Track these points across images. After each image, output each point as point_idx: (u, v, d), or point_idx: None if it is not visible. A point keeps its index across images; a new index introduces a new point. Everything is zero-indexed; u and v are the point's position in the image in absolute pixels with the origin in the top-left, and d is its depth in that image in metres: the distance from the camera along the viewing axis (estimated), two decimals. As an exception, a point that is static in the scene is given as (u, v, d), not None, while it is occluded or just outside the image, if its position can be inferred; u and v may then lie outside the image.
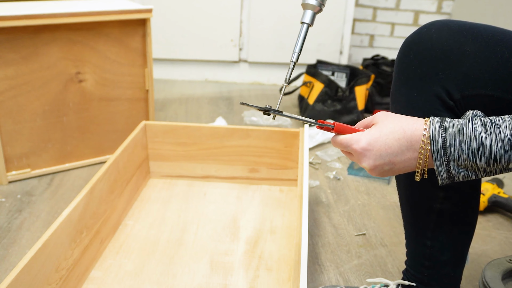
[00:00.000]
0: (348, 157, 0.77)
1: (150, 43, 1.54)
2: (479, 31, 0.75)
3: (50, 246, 0.88)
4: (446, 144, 0.66)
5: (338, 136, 0.75)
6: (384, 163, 0.70)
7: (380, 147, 0.69)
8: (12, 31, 1.32)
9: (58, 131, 1.49)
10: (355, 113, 1.95)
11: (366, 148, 0.70)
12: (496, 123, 0.65)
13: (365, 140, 0.71)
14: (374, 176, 0.75)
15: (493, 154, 0.64)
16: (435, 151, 0.67)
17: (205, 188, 1.43)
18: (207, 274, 1.08)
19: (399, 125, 0.69)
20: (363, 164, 0.71)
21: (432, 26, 0.78)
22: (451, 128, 0.67)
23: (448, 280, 0.90)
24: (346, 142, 0.73)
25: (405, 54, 0.80)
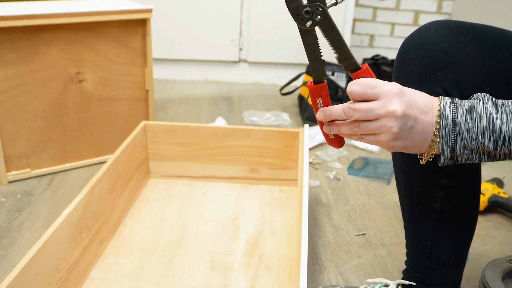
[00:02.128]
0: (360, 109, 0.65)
1: (150, 43, 1.54)
2: (479, 31, 0.75)
3: (50, 246, 0.88)
4: (456, 119, 0.64)
5: (366, 78, 0.67)
6: (412, 116, 0.64)
7: (411, 97, 0.65)
8: (12, 31, 1.32)
9: (58, 131, 1.49)
10: (355, 113, 1.95)
11: (401, 91, 0.64)
12: (506, 104, 0.64)
13: (398, 85, 0.65)
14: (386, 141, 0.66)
15: (502, 134, 0.63)
16: (443, 126, 0.64)
17: (205, 188, 1.43)
18: (207, 274, 1.08)
19: (420, 92, 0.68)
20: (394, 107, 0.63)
21: (431, 26, 0.78)
22: (462, 105, 0.65)
23: (448, 280, 0.90)
24: (377, 81, 0.65)
25: (405, 54, 0.80)
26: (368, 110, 0.65)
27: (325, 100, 0.71)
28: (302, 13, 0.64)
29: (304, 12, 0.64)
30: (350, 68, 0.68)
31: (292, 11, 0.64)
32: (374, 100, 0.65)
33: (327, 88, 0.71)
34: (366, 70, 0.68)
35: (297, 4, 0.64)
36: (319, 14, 0.64)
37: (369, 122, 0.66)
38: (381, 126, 0.65)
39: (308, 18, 0.64)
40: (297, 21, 0.65)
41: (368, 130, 0.66)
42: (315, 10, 0.64)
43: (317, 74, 0.70)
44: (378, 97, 0.65)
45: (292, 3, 0.64)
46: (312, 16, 0.64)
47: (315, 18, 0.64)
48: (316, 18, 0.64)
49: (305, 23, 0.65)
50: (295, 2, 0.64)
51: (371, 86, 0.65)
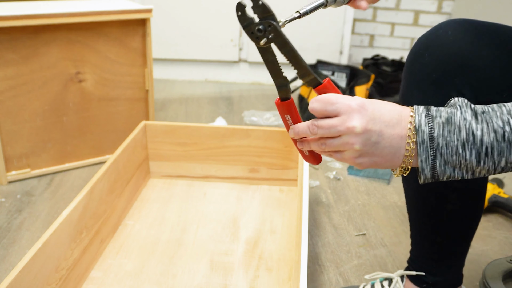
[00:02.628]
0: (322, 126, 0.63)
1: (150, 43, 1.54)
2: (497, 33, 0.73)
3: (50, 246, 0.88)
4: (433, 135, 0.60)
5: (327, 94, 0.65)
6: (375, 131, 0.61)
7: (374, 111, 0.61)
8: (12, 31, 1.32)
9: (58, 131, 1.49)
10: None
11: (362, 105, 0.61)
12: (488, 112, 0.59)
13: (360, 99, 0.62)
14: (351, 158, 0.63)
15: (484, 145, 0.58)
16: (421, 143, 0.60)
17: (205, 188, 1.43)
18: (207, 274, 1.08)
19: (387, 102, 0.64)
20: (353, 123, 0.61)
21: (448, 27, 0.75)
22: (438, 117, 0.60)
23: (455, 269, 0.92)
24: (336, 97, 0.62)
25: (419, 55, 0.76)
26: (330, 127, 0.62)
27: (294, 116, 0.69)
28: (255, 31, 0.63)
29: (257, 30, 0.63)
30: (312, 84, 0.66)
31: (246, 30, 0.64)
32: (336, 116, 0.62)
33: (294, 105, 0.69)
34: (327, 85, 0.66)
35: (249, 23, 0.63)
36: (271, 32, 0.63)
37: (333, 139, 0.63)
38: (344, 143, 0.62)
39: (261, 36, 0.64)
40: (252, 39, 0.64)
41: (333, 147, 0.64)
42: (267, 27, 0.63)
43: (282, 91, 0.68)
44: (338, 113, 0.62)
45: (245, 22, 0.64)
46: (265, 34, 0.63)
47: (268, 36, 0.63)
48: (269, 35, 0.63)
49: (259, 41, 0.64)
50: (247, 21, 0.63)
51: (330, 102, 0.62)
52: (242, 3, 0.62)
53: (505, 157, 0.58)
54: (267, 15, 0.62)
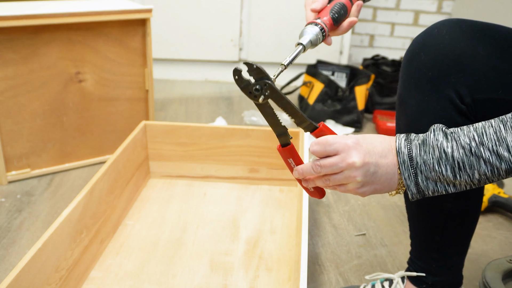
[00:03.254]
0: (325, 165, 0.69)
1: (150, 43, 1.54)
2: (491, 32, 0.74)
3: (50, 246, 0.88)
4: (411, 155, 0.67)
5: (324, 136, 0.71)
6: (372, 162, 0.68)
7: (367, 145, 0.68)
8: (12, 31, 1.32)
9: (58, 131, 1.49)
10: (355, 113, 1.95)
11: (357, 142, 0.68)
12: (456, 132, 0.66)
13: (354, 137, 0.69)
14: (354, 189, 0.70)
15: (456, 160, 0.64)
16: (402, 163, 0.67)
17: (205, 188, 1.43)
18: (207, 274, 1.08)
19: (377, 135, 0.70)
20: (352, 159, 0.67)
21: (443, 27, 0.76)
22: (415, 140, 0.68)
23: (454, 268, 0.92)
24: (332, 138, 0.69)
25: (415, 55, 0.78)
26: (332, 165, 0.69)
27: (296, 159, 0.75)
28: (253, 91, 0.69)
29: (254, 90, 0.69)
30: (308, 129, 0.73)
31: (244, 90, 0.69)
32: (335, 155, 0.69)
33: (295, 149, 0.75)
34: (323, 129, 0.72)
35: (246, 84, 0.69)
36: (267, 89, 0.69)
37: (336, 174, 0.69)
38: (347, 177, 0.69)
39: (259, 95, 0.69)
40: (251, 98, 0.70)
41: (337, 182, 0.70)
42: (263, 86, 0.69)
43: (282, 138, 0.74)
44: (337, 152, 0.68)
45: (242, 84, 0.69)
46: (262, 92, 0.69)
47: (265, 93, 0.69)
48: (266, 92, 0.69)
49: (258, 99, 0.70)
50: (245, 83, 0.69)
51: (328, 143, 0.69)
52: (238, 69, 0.68)
53: (477, 170, 0.64)
54: (262, 76, 0.68)
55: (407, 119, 0.80)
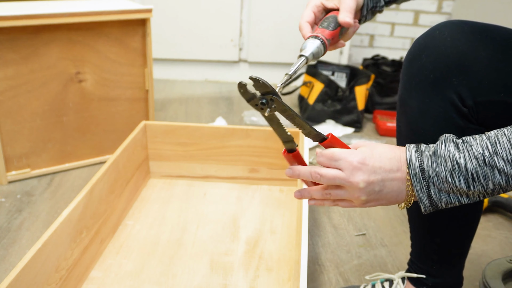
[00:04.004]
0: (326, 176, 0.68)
1: (150, 43, 1.54)
2: (493, 34, 0.73)
3: (50, 246, 0.88)
4: (423, 167, 0.65)
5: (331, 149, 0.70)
6: (377, 181, 0.66)
7: (374, 163, 0.66)
8: (12, 31, 1.32)
9: (58, 131, 1.49)
10: (355, 113, 1.95)
11: (362, 161, 0.66)
12: (468, 141, 0.64)
13: (361, 154, 0.67)
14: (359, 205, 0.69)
15: (469, 171, 0.62)
16: (413, 176, 0.66)
17: (205, 188, 1.43)
18: (207, 274, 1.08)
19: (388, 148, 0.68)
20: (356, 179, 0.66)
21: (445, 28, 0.75)
22: (426, 151, 0.66)
23: (455, 270, 0.92)
24: (339, 154, 0.67)
25: (416, 57, 0.77)
26: (333, 178, 0.68)
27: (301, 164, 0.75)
28: (259, 104, 0.69)
29: (260, 103, 0.69)
30: (317, 139, 0.72)
31: (251, 103, 0.70)
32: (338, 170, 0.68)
33: (300, 155, 0.76)
34: (332, 140, 0.71)
35: (252, 97, 0.69)
36: (273, 103, 0.69)
37: (339, 189, 0.69)
38: (350, 195, 0.68)
39: (265, 108, 0.70)
40: (257, 109, 0.70)
41: (339, 197, 0.69)
42: (269, 100, 0.69)
43: (288, 144, 0.75)
44: (341, 168, 0.67)
45: (248, 97, 0.69)
46: (268, 105, 0.69)
47: (271, 106, 0.69)
48: (272, 106, 0.69)
49: (264, 111, 0.70)
50: (249, 95, 0.69)
51: (334, 158, 0.68)
52: (242, 83, 0.68)
53: (491, 180, 0.62)
54: (268, 90, 0.68)
55: (408, 121, 0.80)
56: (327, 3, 0.86)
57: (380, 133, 1.94)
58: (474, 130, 0.75)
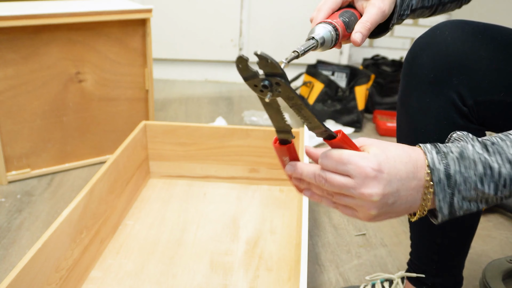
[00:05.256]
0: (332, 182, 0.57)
1: (150, 43, 1.54)
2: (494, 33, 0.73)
3: (50, 246, 0.88)
4: (449, 172, 0.55)
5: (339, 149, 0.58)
6: (392, 192, 0.56)
7: (390, 171, 0.56)
8: (12, 31, 1.32)
9: (58, 131, 1.49)
10: (355, 113, 1.95)
11: (378, 168, 0.55)
12: (496, 143, 0.56)
13: (375, 159, 0.55)
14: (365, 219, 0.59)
15: (502, 177, 0.55)
16: (437, 182, 0.56)
17: (205, 188, 1.43)
18: (207, 274, 1.08)
19: (401, 149, 0.58)
20: (369, 191, 0.55)
21: (445, 28, 0.75)
22: (451, 153, 0.56)
23: (455, 270, 0.92)
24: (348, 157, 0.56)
25: (417, 56, 0.77)
26: (341, 186, 0.57)
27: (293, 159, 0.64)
28: (259, 85, 0.56)
29: (262, 85, 0.55)
30: (323, 136, 0.60)
31: (249, 82, 0.56)
32: (348, 177, 0.57)
33: (294, 148, 0.64)
34: (342, 139, 0.58)
35: (252, 75, 0.54)
36: (278, 87, 0.56)
37: (345, 197, 0.58)
38: (358, 206, 0.58)
39: (267, 91, 0.56)
40: (255, 91, 0.57)
41: (343, 203, 0.59)
42: (274, 83, 0.55)
43: (282, 136, 0.63)
44: (351, 175, 0.56)
45: (246, 73, 0.54)
46: (272, 89, 0.56)
47: (275, 91, 0.56)
48: (276, 90, 0.56)
49: (265, 95, 0.56)
50: (249, 73, 0.54)
51: (342, 162, 0.56)
52: (244, 57, 0.53)
53: None
54: (275, 72, 0.54)
55: (409, 121, 0.80)
56: None
57: (380, 133, 1.94)
58: (474, 130, 0.75)
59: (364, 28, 0.71)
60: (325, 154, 0.59)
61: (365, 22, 0.71)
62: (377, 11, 0.72)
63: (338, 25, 0.71)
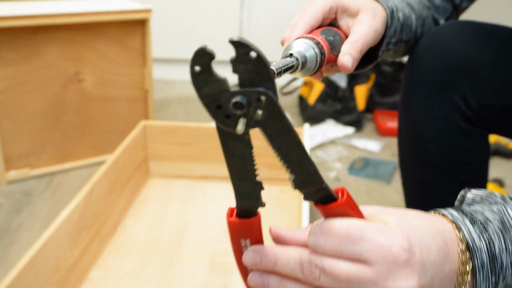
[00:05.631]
0: (333, 273, 0.38)
1: (150, 43, 1.54)
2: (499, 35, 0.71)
3: (49, 247, 0.88)
4: (494, 251, 0.39)
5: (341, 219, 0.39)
6: (426, 284, 0.38)
7: (421, 248, 0.38)
8: (11, 31, 1.32)
9: (57, 131, 1.48)
10: (355, 113, 1.95)
11: (409, 247, 0.37)
12: None
13: (401, 232, 0.37)
14: None
15: None
16: (479, 268, 0.39)
17: (205, 188, 1.43)
18: (207, 274, 1.07)
19: (421, 216, 0.41)
20: (400, 284, 0.37)
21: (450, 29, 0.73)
22: (489, 222, 0.40)
23: None
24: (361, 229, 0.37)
25: (420, 58, 0.75)
26: (351, 280, 0.37)
27: (257, 241, 0.42)
28: (227, 106, 0.36)
29: (232, 104, 0.35)
30: (316, 197, 0.39)
31: (206, 100, 0.35)
32: (362, 264, 0.37)
33: (260, 225, 0.41)
34: (347, 203, 0.38)
35: (215, 89, 0.35)
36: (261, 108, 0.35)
37: None
38: None
39: (238, 115, 0.36)
40: (216, 117, 0.36)
41: None
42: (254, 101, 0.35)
43: (246, 202, 0.40)
44: (367, 260, 0.37)
45: (208, 85, 0.35)
46: (248, 112, 0.36)
47: (254, 115, 0.36)
48: (255, 114, 0.35)
49: (233, 124, 0.36)
50: (213, 84, 0.35)
51: (351, 238, 0.37)
52: (207, 51, 0.35)
53: None
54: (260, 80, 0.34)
55: (411, 124, 0.78)
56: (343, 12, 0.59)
57: (380, 133, 1.94)
58: (478, 134, 0.74)
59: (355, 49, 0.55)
60: (320, 227, 0.39)
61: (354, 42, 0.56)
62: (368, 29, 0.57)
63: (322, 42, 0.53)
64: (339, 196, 0.39)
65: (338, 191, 0.39)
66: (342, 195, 0.39)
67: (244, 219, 0.41)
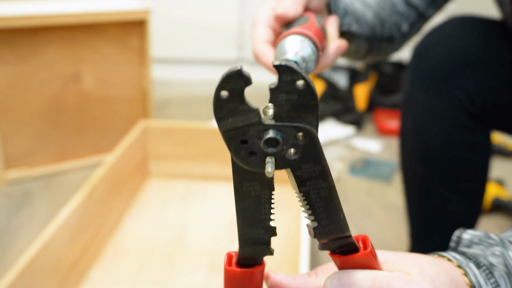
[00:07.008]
0: None
1: (149, 43, 1.54)
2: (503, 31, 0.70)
3: (48, 247, 0.88)
4: None
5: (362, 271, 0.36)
6: None
7: None
8: (11, 31, 1.32)
9: (57, 131, 1.48)
10: (355, 112, 1.95)
11: None
12: None
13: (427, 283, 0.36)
14: None
15: None
16: None
17: (205, 188, 1.43)
18: (207, 274, 1.07)
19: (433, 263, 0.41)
20: None
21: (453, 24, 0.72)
22: (495, 267, 0.40)
23: None
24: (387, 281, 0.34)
25: (424, 54, 0.74)
26: None
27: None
28: (256, 142, 0.31)
29: (265, 141, 0.30)
30: (334, 246, 0.36)
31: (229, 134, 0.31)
32: None
33: (263, 275, 0.38)
34: (371, 254, 0.35)
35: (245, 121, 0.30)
36: (297, 146, 0.31)
37: None
38: None
39: (268, 154, 0.31)
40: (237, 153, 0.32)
41: None
42: (292, 137, 0.30)
43: (252, 250, 0.37)
44: None
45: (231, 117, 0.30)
46: (282, 150, 0.31)
47: (287, 155, 0.31)
48: (287, 153, 0.31)
49: (258, 163, 0.32)
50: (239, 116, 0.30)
51: None
52: (243, 74, 0.30)
53: None
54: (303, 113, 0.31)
55: (414, 120, 0.78)
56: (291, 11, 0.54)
57: (380, 132, 1.94)
58: (481, 130, 0.73)
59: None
60: (339, 281, 0.35)
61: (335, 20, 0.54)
62: None
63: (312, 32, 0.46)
64: (360, 244, 0.35)
65: (359, 239, 0.36)
66: (364, 245, 0.36)
67: (246, 268, 0.36)
